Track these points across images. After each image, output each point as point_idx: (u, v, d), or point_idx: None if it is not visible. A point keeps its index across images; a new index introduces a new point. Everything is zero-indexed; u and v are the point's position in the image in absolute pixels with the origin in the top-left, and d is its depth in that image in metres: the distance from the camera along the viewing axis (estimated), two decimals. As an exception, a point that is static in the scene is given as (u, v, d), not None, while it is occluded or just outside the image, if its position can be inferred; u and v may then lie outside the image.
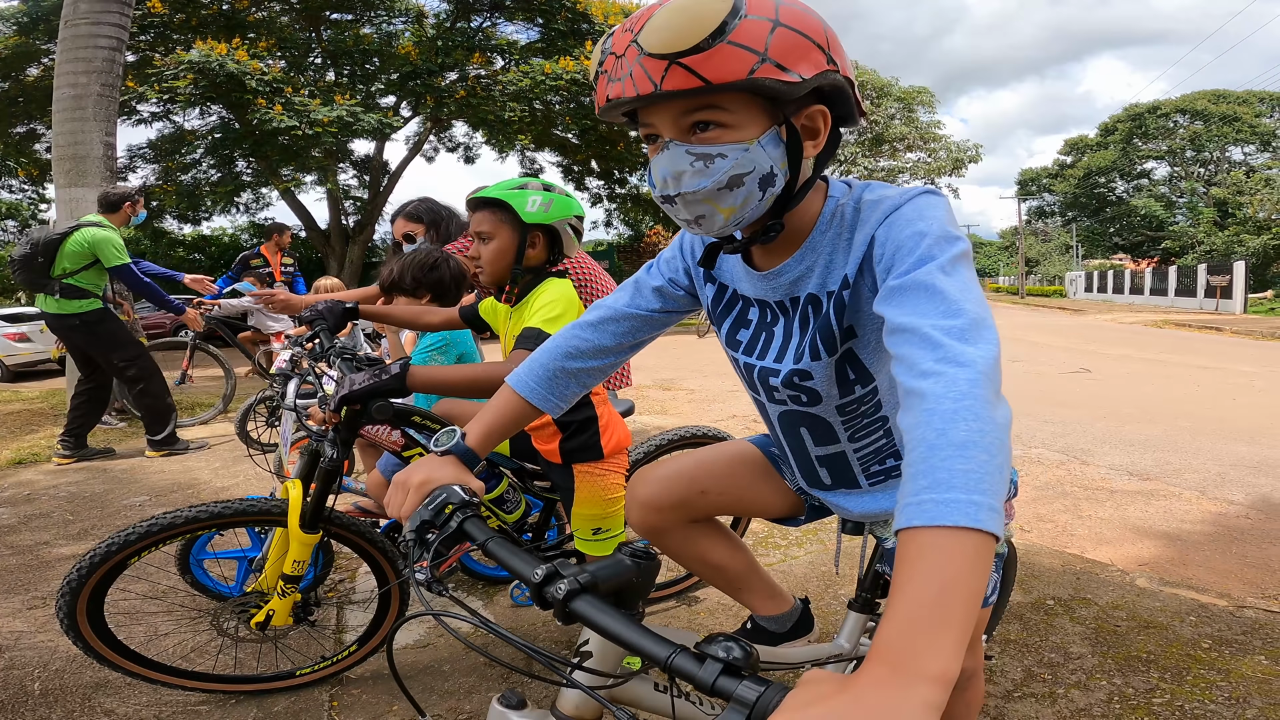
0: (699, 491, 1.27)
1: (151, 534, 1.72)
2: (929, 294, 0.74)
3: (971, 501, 0.57)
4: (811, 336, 0.97)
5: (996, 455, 0.61)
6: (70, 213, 6.39)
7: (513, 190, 1.71)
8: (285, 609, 1.90)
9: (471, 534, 0.86)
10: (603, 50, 0.85)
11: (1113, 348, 11.26)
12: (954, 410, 0.63)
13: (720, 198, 0.85)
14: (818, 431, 1.09)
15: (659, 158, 0.86)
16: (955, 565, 0.55)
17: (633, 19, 0.81)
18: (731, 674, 0.58)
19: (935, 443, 0.62)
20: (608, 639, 0.67)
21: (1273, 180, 27.30)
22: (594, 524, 1.87)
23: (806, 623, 1.45)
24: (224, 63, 12.67)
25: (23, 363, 10.69)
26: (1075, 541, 3.05)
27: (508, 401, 1.09)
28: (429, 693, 2.04)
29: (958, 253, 0.78)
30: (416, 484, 0.93)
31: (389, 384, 1.45)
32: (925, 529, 0.57)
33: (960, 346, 0.68)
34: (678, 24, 0.76)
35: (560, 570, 0.72)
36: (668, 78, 0.77)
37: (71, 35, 6.34)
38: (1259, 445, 4.57)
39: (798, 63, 0.79)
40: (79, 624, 1.70)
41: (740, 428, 5.36)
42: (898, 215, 0.85)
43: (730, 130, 0.82)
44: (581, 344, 1.10)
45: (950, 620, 0.53)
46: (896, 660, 0.51)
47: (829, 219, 0.93)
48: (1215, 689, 1.94)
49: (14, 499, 4.03)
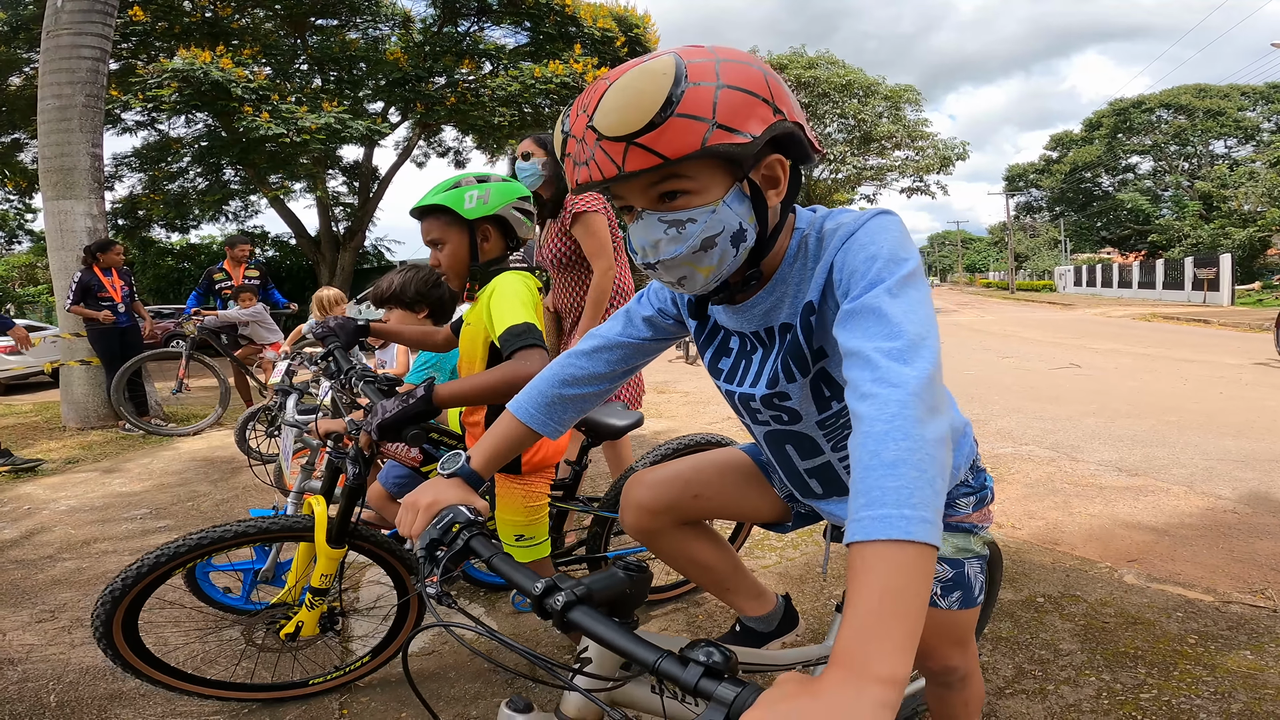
0: (692, 496, 1.33)
1: (201, 546, 1.78)
2: (875, 317, 0.78)
3: (902, 515, 0.63)
4: (783, 359, 1.02)
5: (927, 470, 0.66)
6: (60, 225, 6.38)
7: (448, 191, 1.73)
8: (313, 620, 1.96)
9: (478, 550, 0.92)
10: (563, 132, 0.88)
11: (1101, 342, 11.38)
12: (885, 431, 0.68)
13: (698, 259, 0.89)
14: (803, 447, 1.14)
15: (635, 227, 0.90)
16: (894, 575, 0.61)
17: (585, 98, 0.84)
18: (712, 676, 0.65)
19: (869, 463, 0.67)
20: (602, 646, 0.73)
21: (1257, 173, 27.59)
22: (517, 530, 1.91)
23: (791, 619, 1.51)
24: (209, 70, 12.62)
25: (14, 376, 10.62)
26: (1065, 538, 3.11)
27: (509, 426, 1.15)
28: (435, 699, 2.08)
29: (905, 273, 0.81)
30: (425, 505, 1.00)
31: (420, 407, 1.48)
32: (867, 544, 0.64)
33: (895, 367, 0.72)
34: (627, 105, 0.79)
35: (559, 584, 0.78)
36: (628, 159, 0.81)
37: (54, 45, 6.31)
38: (1246, 439, 4.65)
39: (745, 121, 0.81)
40: (114, 637, 1.74)
41: (735, 429, 5.41)
42: (852, 240, 0.88)
43: (696, 195, 0.86)
44: (578, 371, 1.16)
45: (894, 626, 0.59)
46: (851, 664, 0.58)
47: (795, 251, 0.97)
48: (1201, 684, 2.00)
49: (15, 513, 4.04)
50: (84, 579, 3.05)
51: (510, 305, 1.64)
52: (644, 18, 16.72)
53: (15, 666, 2.31)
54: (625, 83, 0.80)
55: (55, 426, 6.69)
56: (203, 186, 17.92)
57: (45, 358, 9.98)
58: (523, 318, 1.62)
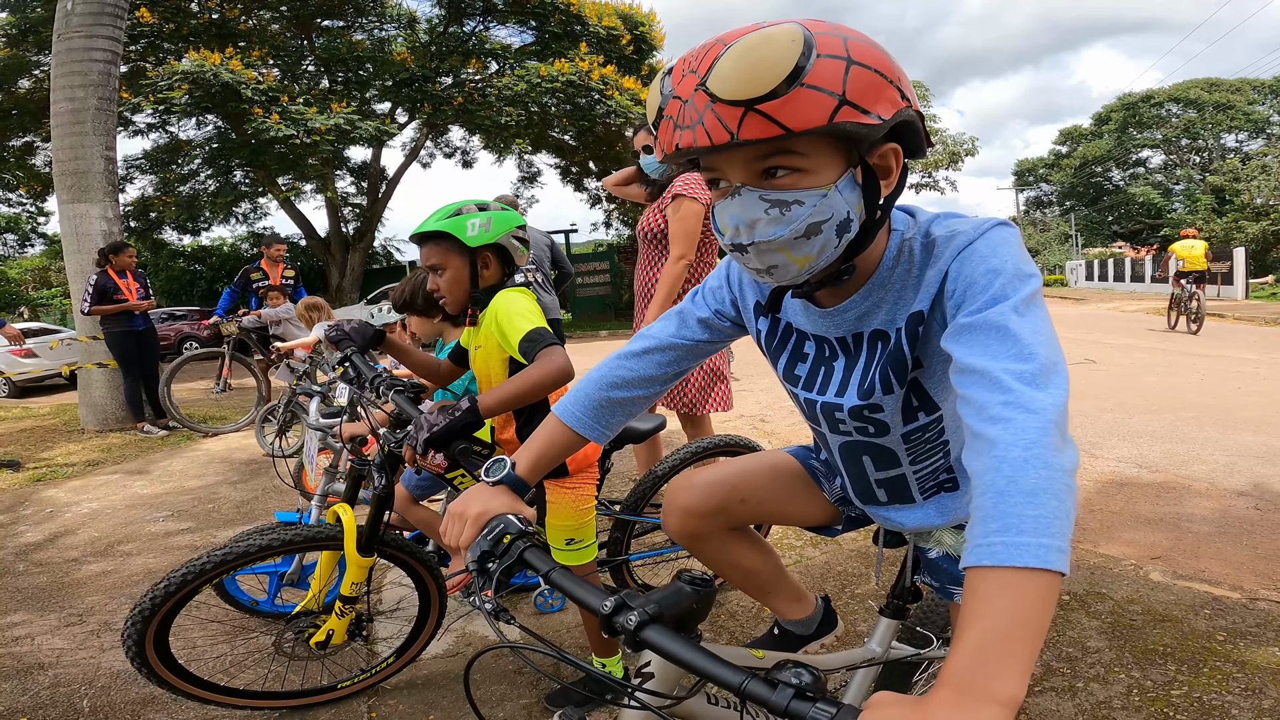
0: (739, 500, 1.28)
1: (227, 561, 1.78)
2: (1001, 335, 0.75)
3: (1041, 544, 0.62)
4: (882, 369, 0.96)
5: (1064, 500, 0.65)
6: (75, 229, 6.43)
7: (451, 218, 1.73)
8: (344, 628, 1.97)
9: (533, 563, 0.87)
10: (662, 93, 0.81)
11: (1116, 337, 11.30)
12: (1023, 458, 0.66)
13: (796, 246, 0.82)
14: (881, 459, 1.10)
15: (728, 203, 0.82)
16: (1027, 602, 0.61)
17: (694, 58, 0.78)
18: (803, 698, 0.63)
19: (1005, 489, 0.66)
20: (680, 667, 0.70)
21: (1269, 166, 27.33)
22: (567, 535, 1.92)
23: (830, 621, 1.47)
24: (218, 72, 12.70)
25: (30, 378, 10.72)
26: (1088, 536, 3.09)
27: (555, 430, 1.11)
28: (462, 701, 2.08)
29: (1031, 291, 0.78)
30: (474, 515, 0.95)
31: (467, 419, 1.46)
32: (996, 569, 0.62)
33: (1031, 392, 0.70)
34: (751, 69, 0.72)
35: (628, 601, 0.75)
36: (744, 126, 0.74)
37: (66, 49, 6.34)
38: (1265, 434, 4.61)
39: (876, 102, 0.76)
40: (146, 650, 1.74)
41: (749, 428, 5.40)
42: (971, 251, 0.84)
43: (806, 175, 0.79)
44: (627, 374, 1.11)
45: (1020, 651, 0.58)
46: (966, 686, 0.57)
47: (895, 254, 0.91)
48: (1231, 680, 1.99)
49: (37, 517, 4.08)
50: (110, 582, 3.07)
51: (517, 318, 1.68)
52: (649, 15, 16.71)
53: (46, 671, 2.33)
54: (748, 45, 0.73)
55: (74, 429, 6.74)
56: (213, 188, 18.03)
57: (62, 360, 10.06)
58: (533, 324, 1.66)
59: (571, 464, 1.90)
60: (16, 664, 2.39)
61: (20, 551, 3.52)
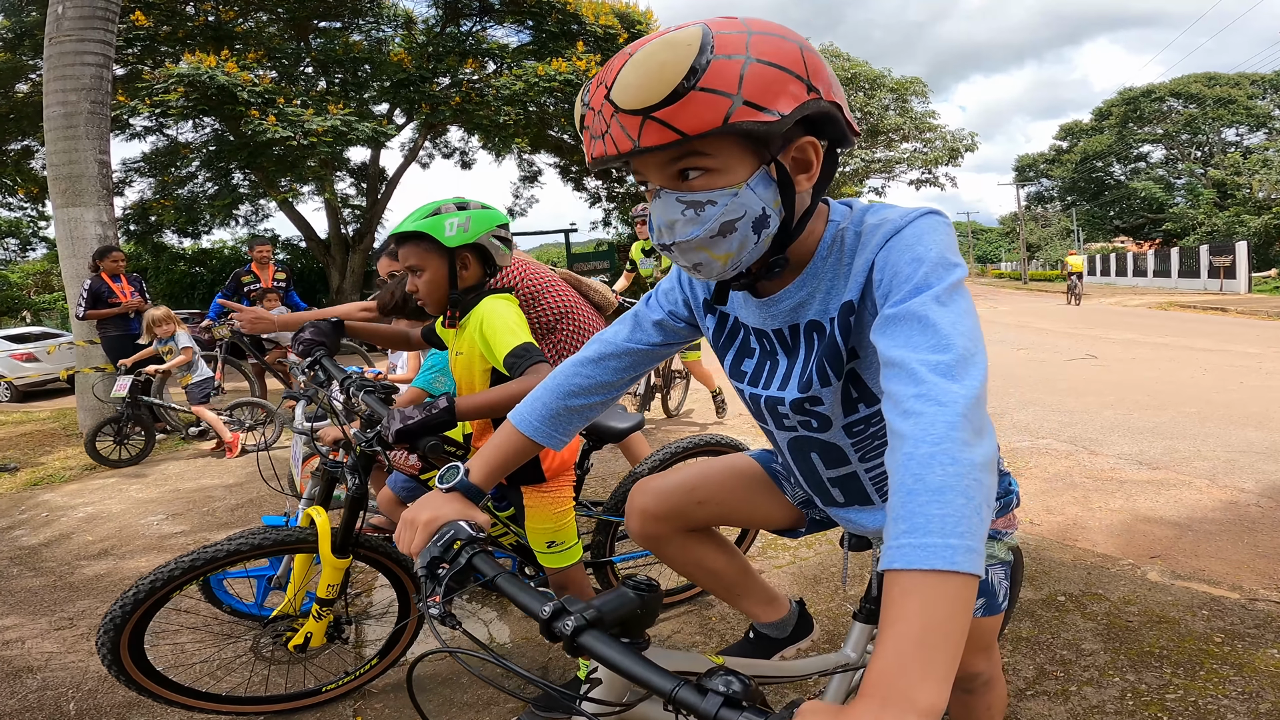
0: (697, 502, 1.30)
1: (195, 567, 1.76)
2: (921, 325, 0.74)
3: (948, 545, 0.60)
4: (818, 361, 0.96)
5: (974, 497, 0.63)
6: (70, 233, 6.42)
7: (428, 218, 1.71)
8: (321, 630, 1.96)
9: (481, 569, 0.88)
10: (582, 103, 0.83)
11: (1117, 332, 11.25)
12: (930, 454, 0.65)
13: (714, 245, 0.83)
14: (829, 456, 1.09)
15: (653, 205, 0.85)
16: (939, 606, 0.59)
17: (606, 69, 0.80)
18: (732, 706, 0.62)
19: (913, 487, 0.64)
20: (615, 672, 0.70)
21: (1270, 160, 27.23)
22: (548, 538, 1.91)
23: (805, 625, 1.47)
24: (214, 75, 12.68)
25: (31, 383, 10.74)
26: (1086, 534, 3.06)
27: (511, 438, 1.11)
28: (448, 705, 2.07)
29: (954, 280, 0.77)
30: (425, 521, 0.96)
31: (443, 418, 1.46)
32: (906, 572, 0.61)
33: (943, 384, 0.68)
34: (646, 77, 0.74)
35: (567, 606, 0.75)
36: (644, 133, 0.76)
37: (58, 53, 6.32)
38: (1267, 430, 4.57)
39: (775, 99, 0.76)
40: (121, 658, 1.73)
41: (748, 427, 5.37)
42: (898, 239, 0.84)
43: (718, 175, 0.80)
44: (584, 381, 1.11)
45: (935, 658, 0.57)
46: (887, 695, 0.56)
47: (829, 245, 0.92)
48: (1229, 684, 1.95)
49: (34, 521, 4.07)
50: (102, 586, 3.06)
51: (504, 332, 1.67)
52: (646, 14, 16.68)
53: (35, 674, 2.32)
54: (647, 53, 0.75)
55: (73, 433, 6.74)
56: (212, 191, 18.00)
57: (61, 365, 10.07)
58: (520, 339, 1.65)
59: (548, 469, 1.89)
60: (6, 667, 2.38)
61: (15, 556, 3.52)
